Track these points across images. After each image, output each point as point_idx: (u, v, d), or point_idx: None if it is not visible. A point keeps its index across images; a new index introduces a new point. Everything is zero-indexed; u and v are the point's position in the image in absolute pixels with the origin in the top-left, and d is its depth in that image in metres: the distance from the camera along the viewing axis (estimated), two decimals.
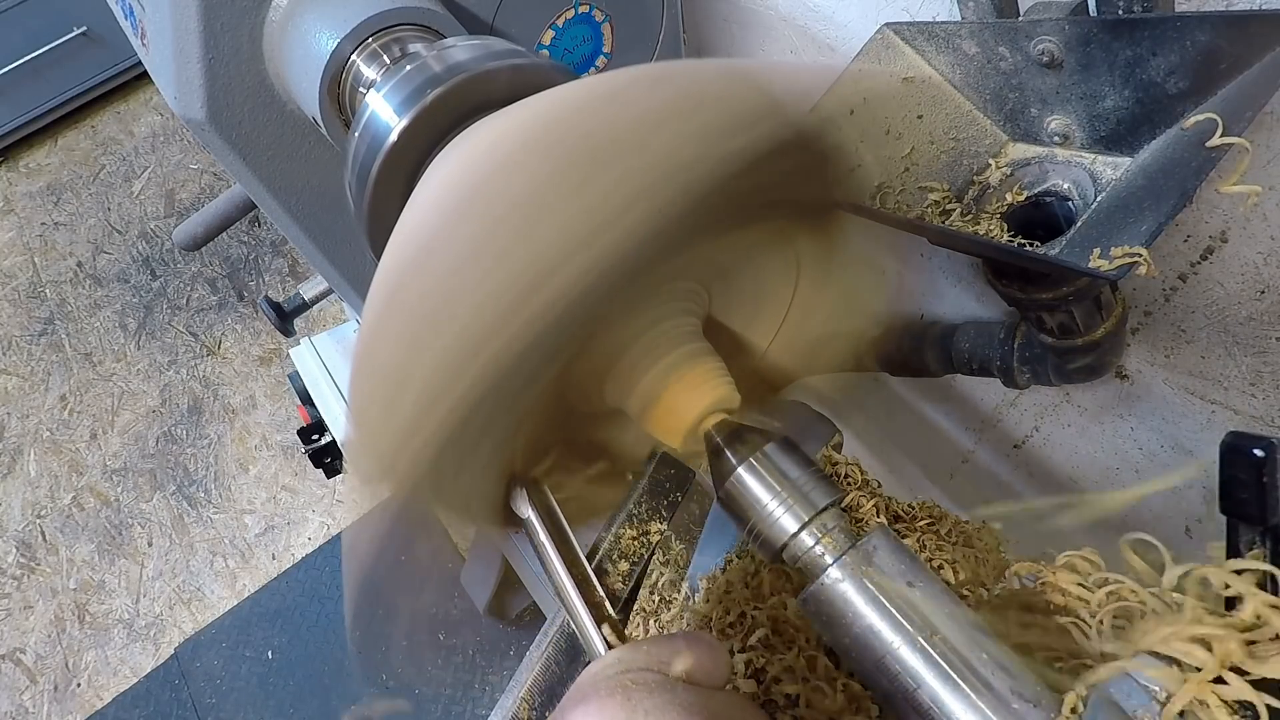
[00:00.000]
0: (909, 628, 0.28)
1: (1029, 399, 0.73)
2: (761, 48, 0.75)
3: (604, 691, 0.27)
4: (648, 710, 0.26)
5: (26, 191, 2.47)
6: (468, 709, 1.39)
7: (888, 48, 0.51)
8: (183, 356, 2.02)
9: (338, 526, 1.69)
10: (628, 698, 0.26)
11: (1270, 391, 0.54)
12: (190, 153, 2.44)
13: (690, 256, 0.34)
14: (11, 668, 1.60)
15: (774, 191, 0.33)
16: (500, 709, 0.38)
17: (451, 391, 0.28)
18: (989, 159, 0.50)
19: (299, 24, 0.49)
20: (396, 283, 0.29)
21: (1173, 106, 0.40)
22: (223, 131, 0.52)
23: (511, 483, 0.37)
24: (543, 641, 0.39)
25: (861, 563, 0.30)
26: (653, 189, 0.27)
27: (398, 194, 0.40)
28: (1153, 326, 0.58)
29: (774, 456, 0.33)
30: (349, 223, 0.60)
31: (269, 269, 2.15)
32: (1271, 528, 0.28)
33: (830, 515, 0.31)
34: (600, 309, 0.29)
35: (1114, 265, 0.35)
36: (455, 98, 0.39)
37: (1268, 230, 0.48)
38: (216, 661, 1.53)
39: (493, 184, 0.28)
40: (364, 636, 1.51)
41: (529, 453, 0.38)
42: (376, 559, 0.39)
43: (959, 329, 0.64)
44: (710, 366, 0.36)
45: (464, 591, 1.41)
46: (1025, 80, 0.46)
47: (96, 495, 1.82)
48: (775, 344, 0.44)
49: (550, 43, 0.63)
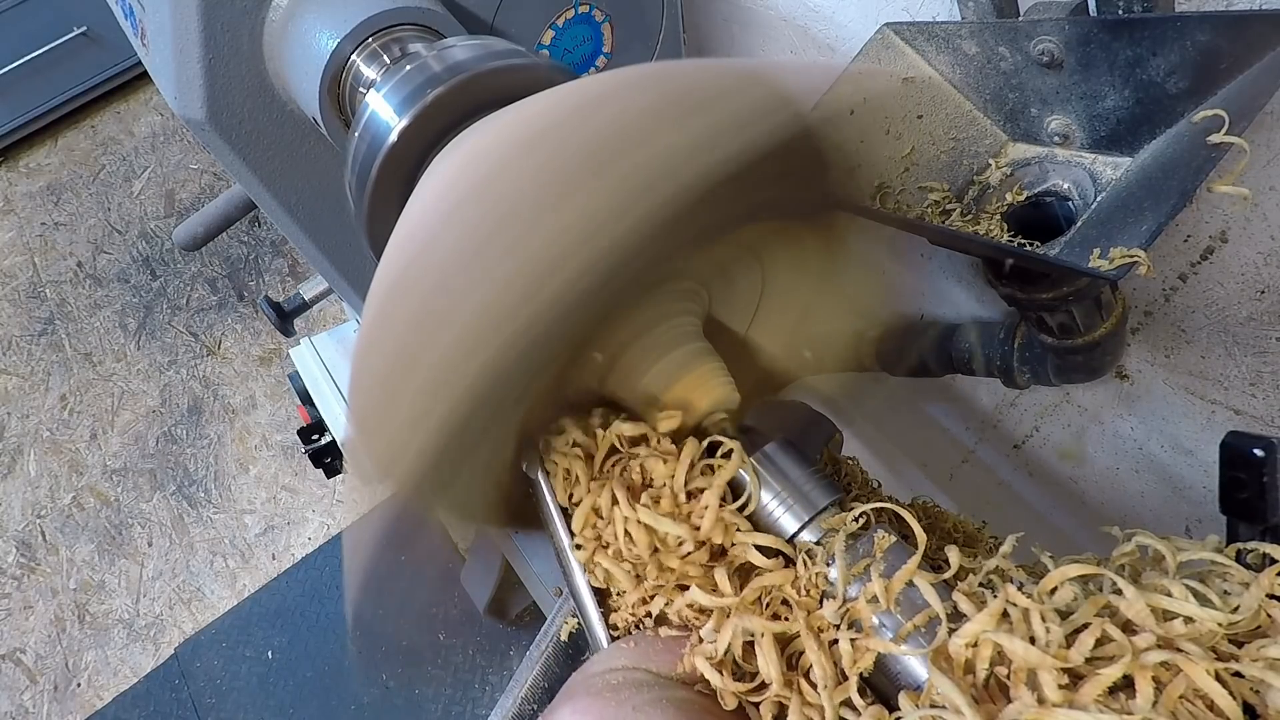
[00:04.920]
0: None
1: (1029, 399, 0.73)
2: (761, 48, 0.75)
3: (593, 689, 0.27)
4: (636, 706, 0.26)
5: (26, 191, 2.47)
6: (468, 709, 1.39)
7: (888, 48, 0.51)
8: (183, 356, 2.02)
9: (338, 526, 1.69)
10: (616, 694, 0.26)
11: (1270, 391, 0.54)
12: (190, 153, 2.44)
13: (690, 256, 0.34)
14: (11, 668, 1.60)
15: (774, 191, 0.33)
16: (500, 709, 0.38)
17: (451, 391, 0.28)
18: (989, 159, 0.50)
19: (299, 24, 0.49)
20: (396, 283, 0.29)
21: (1173, 106, 0.40)
22: (223, 131, 0.52)
23: (525, 446, 0.37)
24: (543, 641, 0.39)
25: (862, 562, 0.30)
26: (652, 189, 0.27)
27: (397, 194, 0.40)
28: (1153, 326, 0.58)
29: (774, 456, 0.33)
30: (349, 223, 0.60)
31: (269, 269, 2.15)
32: (1271, 527, 0.28)
33: (830, 514, 0.31)
34: (600, 308, 0.29)
35: (1114, 265, 0.35)
36: (455, 98, 0.39)
37: (1268, 230, 0.48)
38: (216, 661, 1.53)
39: (493, 184, 0.28)
40: (364, 636, 1.51)
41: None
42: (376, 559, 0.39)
43: (959, 329, 0.64)
44: (710, 366, 0.36)
45: (464, 591, 1.41)
46: (1025, 80, 0.46)
47: (96, 495, 1.82)
48: (775, 344, 0.44)
49: (550, 43, 0.63)
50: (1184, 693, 0.22)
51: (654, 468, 0.32)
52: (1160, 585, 0.24)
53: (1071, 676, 0.23)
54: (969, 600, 0.26)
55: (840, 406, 0.91)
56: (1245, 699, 0.22)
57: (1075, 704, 0.22)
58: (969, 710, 0.22)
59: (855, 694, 0.26)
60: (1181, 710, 0.22)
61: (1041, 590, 0.26)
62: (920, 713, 0.24)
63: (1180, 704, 0.22)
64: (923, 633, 0.26)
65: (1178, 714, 0.22)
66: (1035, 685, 0.23)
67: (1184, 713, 0.22)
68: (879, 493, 0.43)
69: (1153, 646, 0.23)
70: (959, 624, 0.25)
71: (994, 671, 0.24)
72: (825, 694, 0.26)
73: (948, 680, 0.23)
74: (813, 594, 0.29)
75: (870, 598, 0.27)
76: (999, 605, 0.25)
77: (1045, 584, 0.26)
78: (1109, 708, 0.22)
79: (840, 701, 0.26)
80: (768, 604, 0.29)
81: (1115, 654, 0.23)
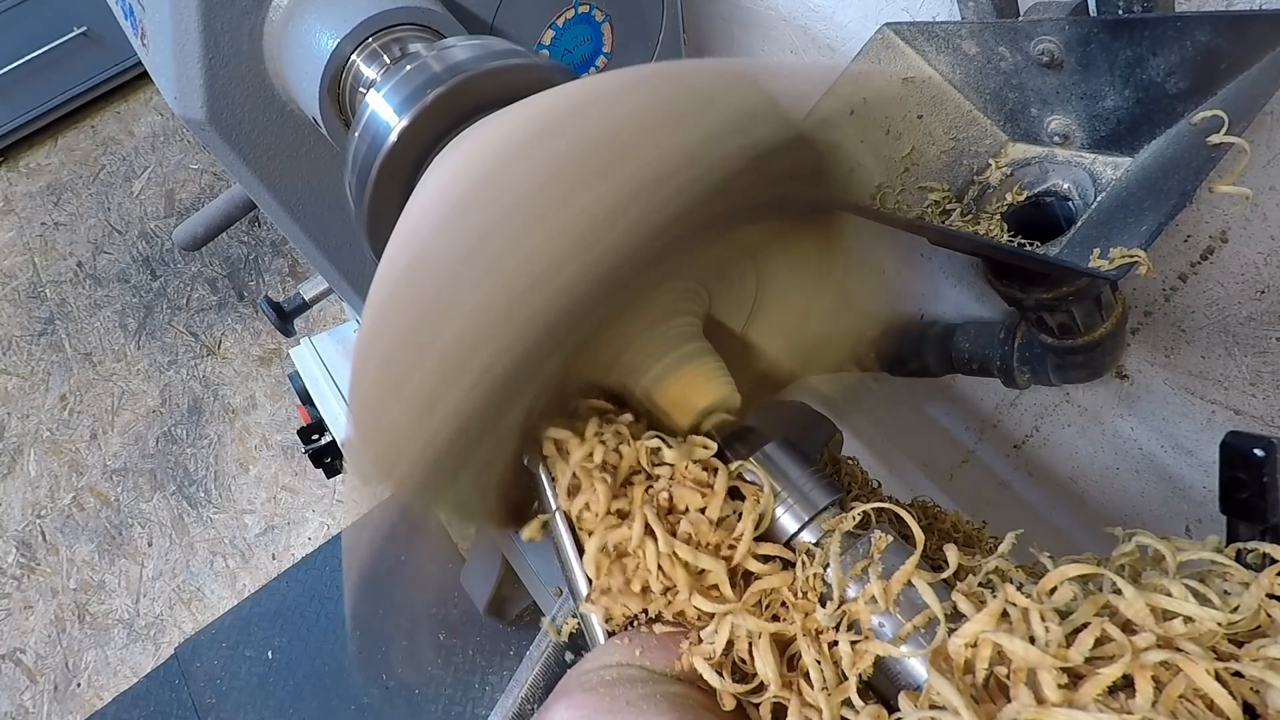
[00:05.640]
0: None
1: (1029, 399, 0.73)
2: (761, 48, 0.75)
3: (587, 685, 0.27)
4: (630, 701, 0.26)
5: (26, 191, 2.47)
6: (468, 709, 1.39)
7: (888, 48, 0.51)
8: (183, 356, 2.02)
9: (338, 526, 1.69)
10: (611, 690, 0.26)
11: (1270, 391, 0.54)
12: (190, 153, 2.44)
13: (690, 256, 0.34)
14: (11, 668, 1.60)
15: (773, 191, 0.33)
16: (500, 709, 0.38)
17: (451, 391, 0.28)
18: (989, 159, 0.50)
19: (299, 24, 0.49)
20: (397, 282, 0.29)
21: (1173, 106, 0.40)
22: (223, 131, 0.52)
23: (527, 443, 0.36)
24: (543, 641, 0.39)
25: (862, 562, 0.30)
26: (652, 189, 0.27)
27: (398, 194, 0.40)
28: (1153, 326, 0.58)
29: (774, 456, 0.33)
30: (349, 223, 0.60)
31: (269, 269, 2.15)
32: (1272, 527, 0.28)
33: (830, 514, 0.31)
34: (600, 308, 0.29)
35: (1114, 265, 0.35)
36: (455, 98, 0.39)
37: (1268, 230, 0.48)
38: (216, 661, 1.53)
39: (493, 184, 0.28)
40: (364, 636, 1.51)
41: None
42: (376, 559, 0.39)
43: (959, 329, 0.64)
44: (710, 366, 0.36)
45: (464, 591, 1.41)
46: (1025, 80, 0.46)
47: (96, 495, 1.82)
48: (775, 344, 0.44)
49: (550, 43, 0.63)
50: (1184, 692, 0.22)
51: (688, 499, 0.31)
52: (1160, 585, 0.24)
53: (1071, 676, 0.23)
54: (968, 600, 0.26)
55: (840, 406, 0.91)
56: (1245, 699, 0.22)
57: (1075, 703, 0.22)
58: (966, 712, 0.22)
59: (854, 695, 0.26)
60: (1181, 710, 0.22)
61: (1041, 590, 0.26)
62: (919, 714, 0.24)
63: (1180, 704, 0.22)
64: (922, 633, 0.26)
65: (1177, 714, 0.22)
66: (1035, 685, 0.23)
67: (1184, 712, 0.22)
68: (879, 493, 0.43)
69: (1152, 646, 0.23)
70: (958, 624, 0.25)
71: (994, 671, 0.24)
72: (823, 696, 0.26)
73: (946, 681, 0.23)
74: (810, 596, 0.29)
75: (869, 599, 0.27)
76: (998, 605, 0.25)
77: (1045, 584, 0.26)
78: (1108, 707, 0.22)
79: (840, 701, 0.26)
80: (767, 605, 0.29)
81: (1115, 654, 0.23)
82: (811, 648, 0.27)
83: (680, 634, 0.30)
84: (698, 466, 0.32)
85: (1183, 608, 0.23)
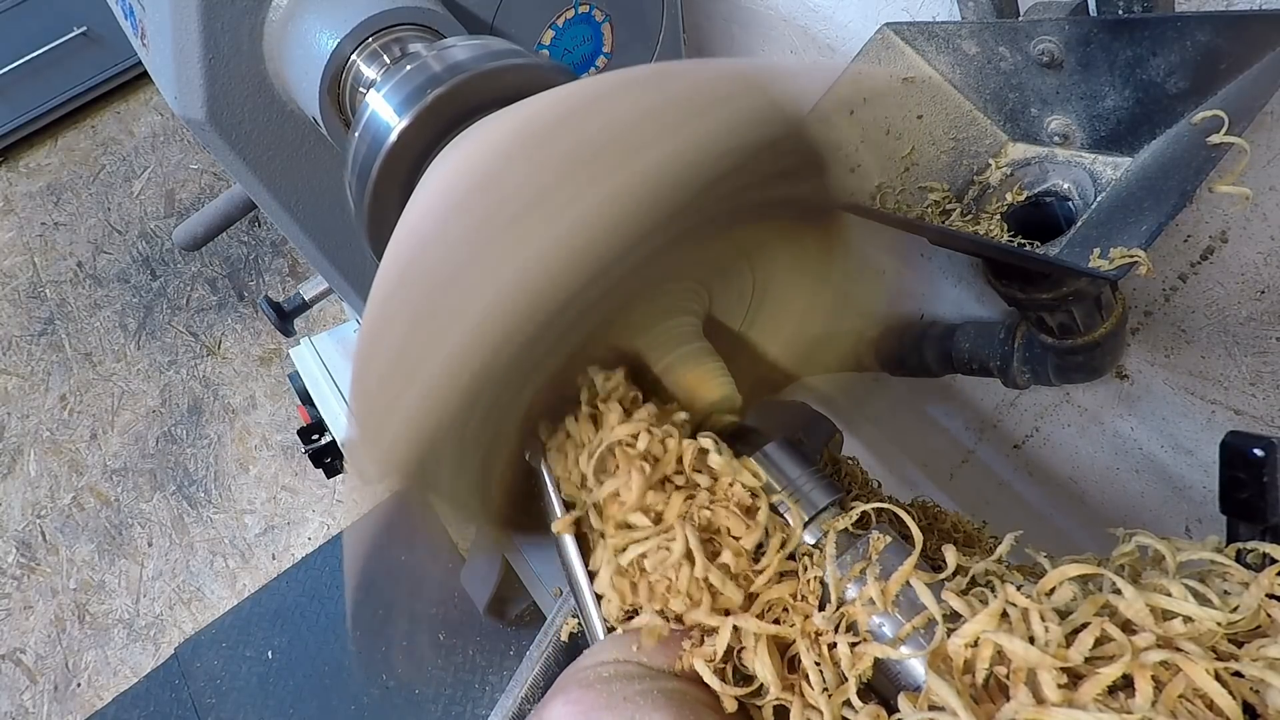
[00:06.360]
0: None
1: (1029, 399, 0.73)
2: (761, 48, 0.75)
3: (585, 681, 0.27)
4: (627, 697, 0.26)
5: (26, 191, 2.47)
6: (468, 709, 1.39)
7: (888, 48, 0.51)
8: (183, 356, 2.02)
9: (338, 526, 1.69)
10: (608, 686, 0.26)
11: (1270, 391, 0.54)
12: (190, 153, 2.44)
13: (690, 256, 0.34)
14: (11, 668, 1.60)
15: (773, 191, 0.33)
16: (500, 709, 0.38)
17: (452, 390, 0.28)
18: (989, 159, 0.50)
19: (299, 24, 0.49)
20: (398, 282, 0.29)
21: (1173, 106, 0.40)
22: (223, 131, 0.52)
23: (528, 439, 0.36)
24: (543, 641, 0.39)
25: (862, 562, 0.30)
26: (652, 190, 0.27)
27: (398, 194, 0.40)
28: (1153, 326, 0.58)
29: (774, 456, 0.33)
30: (349, 223, 0.60)
31: (269, 269, 2.15)
32: (1271, 527, 0.28)
33: (830, 514, 0.31)
34: (599, 308, 0.29)
35: (1114, 265, 0.35)
36: (455, 98, 0.39)
37: (1268, 230, 0.48)
38: (216, 661, 1.53)
39: (493, 184, 0.28)
40: (364, 636, 1.51)
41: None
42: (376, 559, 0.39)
43: (959, 329, 0.64)
44: (710, 366, 0.36)
45: (464, 591, 1.41)
46: (1025, 80, 0.46)
47: (96, 495, 1.82)
48: (775, 344, 0.44)
49: (550, 43, 0.63)
50: (1183, 692, 0.22)
51: (730, 524, 0.30)
52: (1160, 585, 0.24)
53: (1071, 676, 0.23)
54: (967, 600, 0.26)
55: (840, 406, 0.91)
56: (1245, 699, 0.22)
57: (1074, 703, 0.22)
58: (965, 713, 0.22)
59: (854, 696, 0.26)
60: (1181, 710, 0.22)
61: (1041, 590, 0.26)
62: (919, 715, 0.24)
63: (1180, 703, 0.22)
64: (921, 634, 0.26)
65: (1177, 713, 0.22)
66: (1034, 685, 0.23)
67: (1183, 712, 0.22)
68: (879, 493, 0.43)
69: (1152, 646, 0.23)
70: (957, 624, 0.25)
71: (994, 671, 0.24)
72: (823, 699, 0.26)
73: (944, 683, 0.23)
74: (810, 599, 0.29)
75: (866, 600, 0.27)
76: (998, 605, 0.25)
77: (1044, 584, 0.26)
78: (1108, 707, 0.22)
79: (841, 703, 0.26)
80: (768, 609, 0.29)
81: (1115, 653, 0.23)
82: (811, 650, 0.27)
83: (680, 633, 0.30)
84: (745, 491, 0.30)
85: (1182, 608, 0.23)
